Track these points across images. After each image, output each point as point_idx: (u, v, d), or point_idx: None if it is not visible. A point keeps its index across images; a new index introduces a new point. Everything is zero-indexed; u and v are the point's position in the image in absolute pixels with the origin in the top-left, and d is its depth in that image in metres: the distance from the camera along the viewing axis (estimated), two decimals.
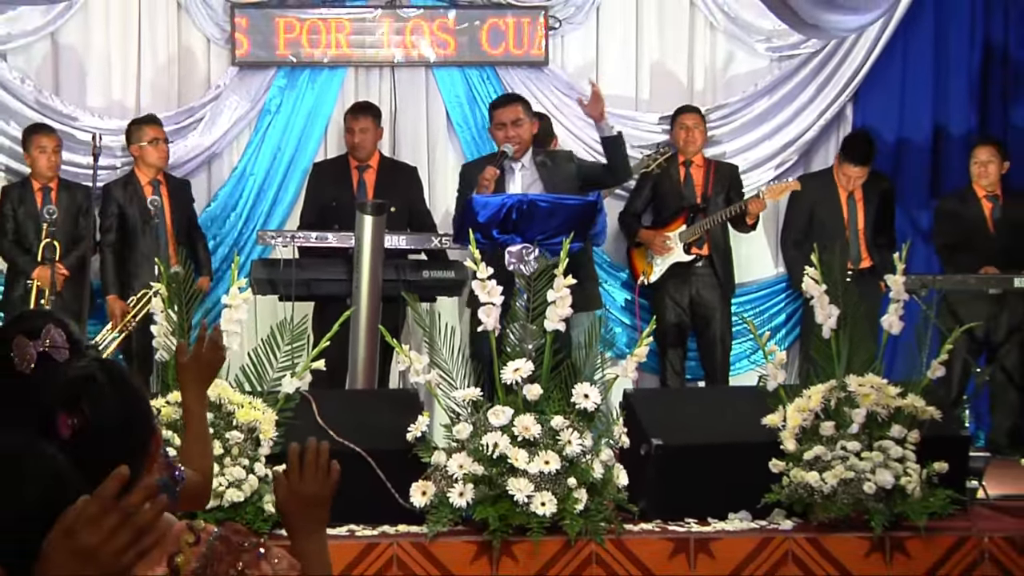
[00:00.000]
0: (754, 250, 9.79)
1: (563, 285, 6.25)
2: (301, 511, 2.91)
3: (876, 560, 6.25)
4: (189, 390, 3.90)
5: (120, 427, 2.81)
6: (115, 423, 2.81)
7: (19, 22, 9.58)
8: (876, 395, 6.44)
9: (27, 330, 3.51)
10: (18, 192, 8.89)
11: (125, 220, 8.78)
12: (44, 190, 8.84)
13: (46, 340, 3.48)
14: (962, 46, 10.13)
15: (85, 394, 2.80)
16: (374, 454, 6.27)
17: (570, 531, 6.07)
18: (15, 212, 8.79)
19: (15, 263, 8.75)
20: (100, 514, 2.00)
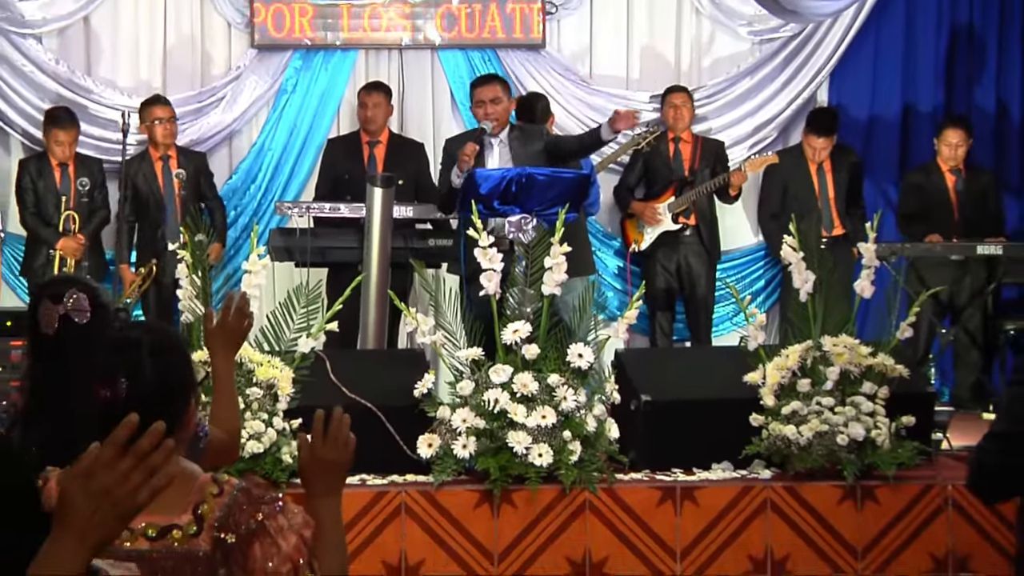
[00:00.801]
0: (735, 221, 9.78)
1: (559, 253, 6.26)
2: (320, 474, 2.90)
3: (848, 507, 6.27)
4: (218, 355, 3.88)
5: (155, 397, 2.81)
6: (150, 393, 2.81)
7: (53, 7, 9.56)
8: (849, 354, 6.45)
9: (52, 294, 3.52)
10: (36, 166, 8.86)
11: (138, 194, 8.78)
12: (61, 166, 8.81)
13: (68, 303, 3.48)
14: (930, 30, 10.11)
15: (124, 366, 2.80)
16: (384, 409, 6.27)
17: (565, 480, 6.08)
18: (35, 186, 8.76)
19: (37, 234, 8.73)
20: (114, 457, 2.00)
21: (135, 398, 2.78)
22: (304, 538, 2.75)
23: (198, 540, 2.71)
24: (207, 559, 2.71)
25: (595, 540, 6.17)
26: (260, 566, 2.70)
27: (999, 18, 10.11)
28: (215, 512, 2.73)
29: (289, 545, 2.72)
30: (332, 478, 2.91)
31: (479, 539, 6.12)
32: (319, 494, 2.89)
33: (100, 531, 2.02)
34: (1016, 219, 9.91)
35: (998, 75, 10.12)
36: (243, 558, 2.71)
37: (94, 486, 2.00)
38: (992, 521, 6.25)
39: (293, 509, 2.78)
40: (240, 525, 2.72)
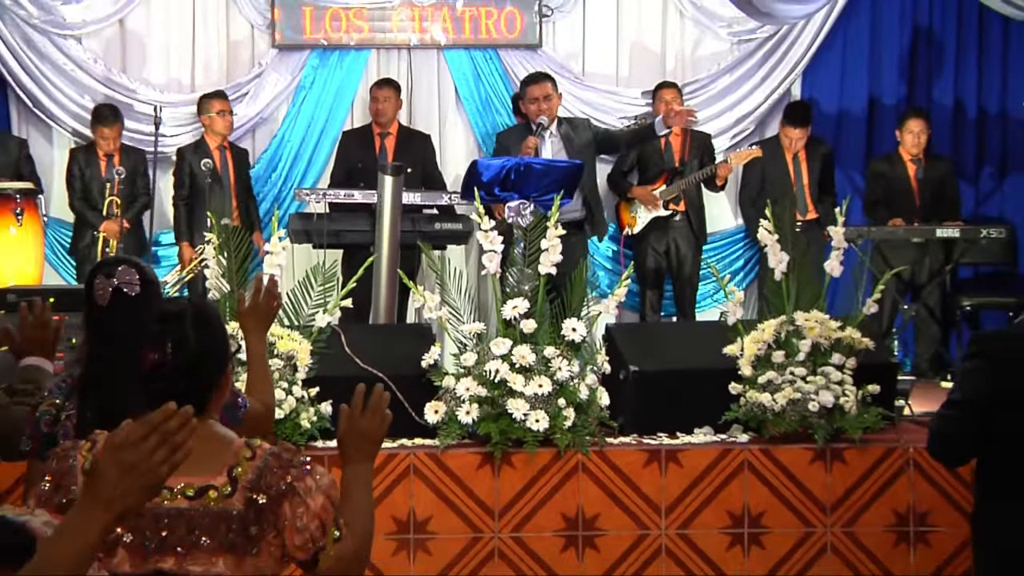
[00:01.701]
0: (717, 206, 9.76)
1: (554, 235, 6.25)
2: (356, 442, 2.91)
3: (818, 467, 6.27)
4: (251, 334, 3.88)
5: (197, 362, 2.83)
6: (193, 359, 2.81)
7: (92, 10, 9.56)
8: (820, 328, 6.45)
9: (105, 271, 3.56)
10: (84, 156, 8.91)
11: (195, 179, 8.80)
12: (107, 156, 8.83)
13: (120, 278, 3.51)
14: (894, 30, 10.09)
15: (171, 332, 2.80)
16: (394, 378, 6.25)
17: (560, 443, 6.08)
18: (83, 173, 8.81)
19: (84, 217, 8.77)
20: (144, 436, 2.04)
21: (179, 362, 2.80)
22: (331, 498, 2.76)
23: (232, 500, 2.72)
24: (240, 517, 2.71)
25: (587, 498, 6.17)
26: (290, 523, 2.71)
27: (957, 21, 10.10)
28: (248, 474, 2.74)
29: (317, 504, 2.73)
30: (367, 447, 2.93)
31: (481, 497, 6.13)
32: (354, 461, 2.90)
33: (125, 500, 2.05)
34: (971, 204, 9.90)
35: (955, 72, 10.11)
36: (274, 517, 2.71)
37: (123, 459, 2.04)
38: (950, 481, 6.25)
39: (320, 471, 2.79)
40: (271, 487, 2.73)
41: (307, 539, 2.72)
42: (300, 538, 2.71)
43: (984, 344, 3.66)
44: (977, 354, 3.60)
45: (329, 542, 2.74)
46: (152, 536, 2.68)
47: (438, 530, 6.10)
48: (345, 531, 2.77)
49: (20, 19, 9.39)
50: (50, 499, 2.76)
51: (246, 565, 2.70)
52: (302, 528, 2.71)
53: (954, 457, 3.83)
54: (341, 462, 2.88)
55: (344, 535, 2.76)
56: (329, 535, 2.74)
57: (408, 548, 6.10)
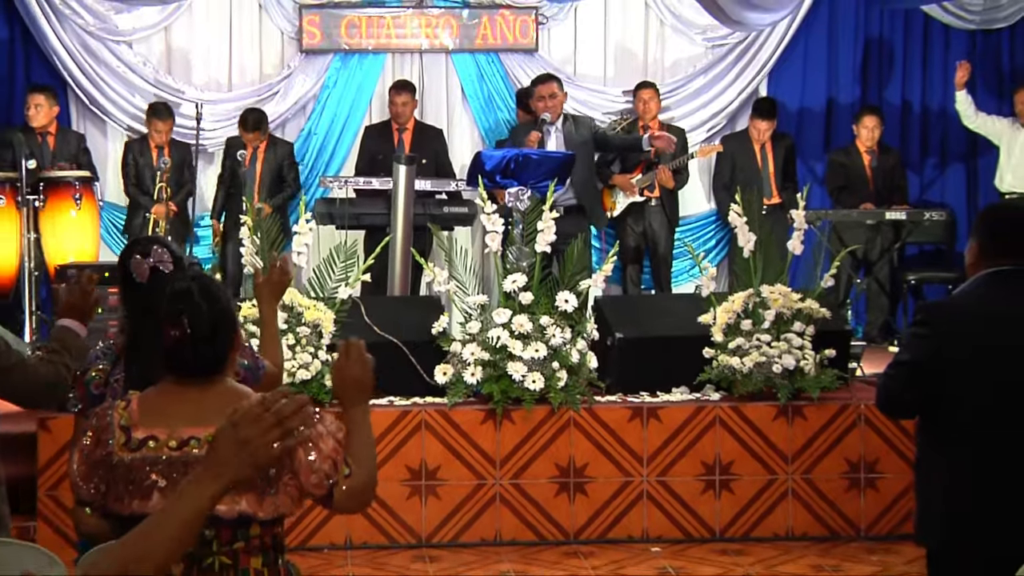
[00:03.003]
0: (693, 191, 9.73)
1: (549, 218, 6.24)
2: (350, 387, 2.88)
3: (781, 422, 6.28)
4: (265, 303, 3.88)
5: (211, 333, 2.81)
6: (209, 328, 2.80)
7: (141, 18, 9.52)
8: (783, 300, 6.44)
9: (141, 251, 3.53)
10: (138, 147, 8.88)
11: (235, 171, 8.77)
12: (158, 147, 8.81)
13: (155, 257, 3.50)
14: (849, 37, 10.05)
15: (185, 309, 2.79)
16: (407, 344, 6.27)
17: (554, 401, 6.09)
18: (136, 163, 8.79)
19: (137, 201, 8.75)
20: (260, 414, 2.03)
21: (198, 335, 2.79)
22: (339, 440, 2.76)
23: None
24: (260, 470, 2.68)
25: (578, 449, 6.17)
26: (305, 466, 2.70)
27: (904, 29, 10.07)
28: None
29: (328, 447, 2.73)
30: (360, 391, 2.89)
31: (484, 449, 6.13)
32: (350, 405, 2.88)
33: (235, 472, 2.04)
34: (917, 190, 9.88)
35: (903, 74, 10.07)
36: (289, 460, 2.70)
37: (240, 435, 2.02)
38: (896, 433, 6.26)
39: (328, 418, 2.79)
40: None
41: (322, 477, 2.71)
42: (316, 477, 2.71)
43: (928, 312, 3.65)
44: (922, 321, 3.58)
45: (341, 477, 2.74)
46: (183, 480, 2.67)
47: (446, 477, 6.11)
48: (354, 467, 2.77)
49: (78, 27, 9.37)
50: (92, 452, 2.77)
51: (266, 503, 2.70)
52: (316, 469, 2.71)
53: (899, 412, 3.82)
54: (341, 408, 2.86)
55: (354, 470, 2.76)
56: (340, 471, 2.74)
57: (420, 493, 6.11)
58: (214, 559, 2.70)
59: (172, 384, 2.82)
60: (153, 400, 2.80)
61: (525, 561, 5.90)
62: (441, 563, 5.87)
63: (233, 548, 2.71)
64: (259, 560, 2.74)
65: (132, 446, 2.71)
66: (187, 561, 2.69)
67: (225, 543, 2.70)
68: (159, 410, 2.76)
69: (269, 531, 2.75)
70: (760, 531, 6.23)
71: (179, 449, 2.70)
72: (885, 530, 6.26)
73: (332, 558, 5.91)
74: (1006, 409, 3.42)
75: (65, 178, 8.05)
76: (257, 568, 2.73)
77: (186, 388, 2.80)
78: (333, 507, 2.79)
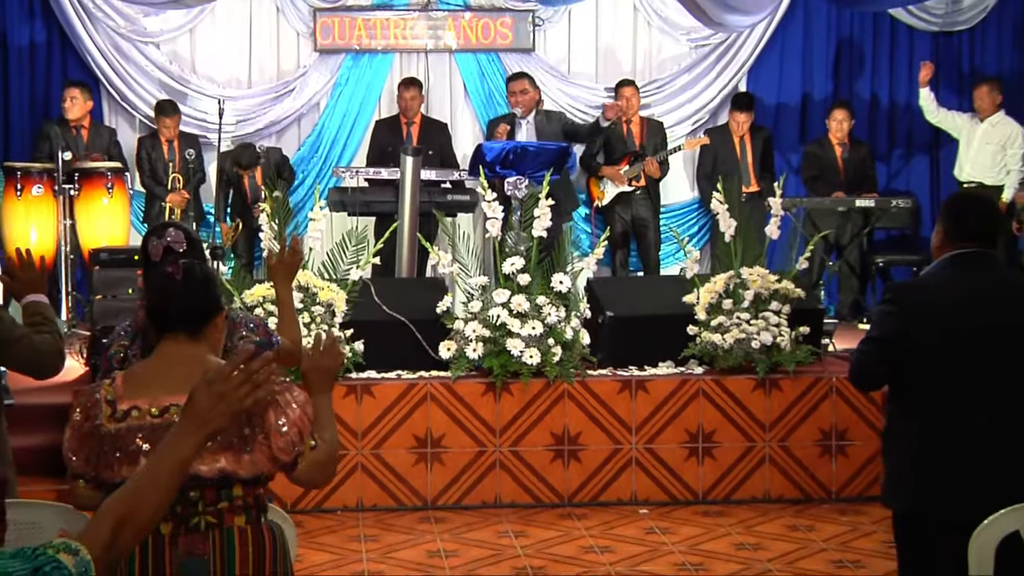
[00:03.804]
0: (677, 180, 9.70)
1: (545, 205, 6.22)
2: (318, 377, 2.93)
3: (759, 394, 6.27)
4: (279, 283, 3.87)
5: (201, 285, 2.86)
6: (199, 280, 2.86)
7: (168, 20, 9.46)
8: (761, 281, 6.43)
9: (157, 234, 3.53)
10: (150, 142, 8.83)
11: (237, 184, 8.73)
12: (168, 142, 8.76)
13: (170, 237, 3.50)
14: (822, 37, 10.01)
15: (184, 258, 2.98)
16: (414, 322, 6.25)
17: (549, 375, 6.09)
18: (149, 156, 8.74)
19: (152, 191, 8.71)
20: (230, 371, 2.11)
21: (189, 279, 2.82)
22: (306, 412, 2.77)
23: None
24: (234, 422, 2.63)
25: (572, 419, 6.17)
26: (274, 427, 2.71)
27: (873, 31, 10.02)
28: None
29: (295, 415, 2.73)
30: (326, 380, 2.94)
31: (485, 418, 6.12)
32: (318, 392, 2.91)
33: (214, 423, 2.12)
34: (884, 179, 9.85)
35: (872, 72, 10.04)
36: (261, 421, 2.70)
37: (214, 390, 2.10)
38: (865, 404, 6.26)
39: (296, 390, 2.80)
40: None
41: (288, 442, 2.71)
42: (283, 440, 2.70)
43: (895, 292, 3.64)
44: (890, 300, 3.57)
45: (306, 448, 2.75)
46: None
47: (450, 445, 6.10)
48: (320, 442, 2.79)
49: (110, 29, 9.32)
50: (81, 426, 2.77)
51: (244, 461, 2.69)
52: (284, 433, 2.70)
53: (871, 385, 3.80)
54: (308, 393, 2.86)
55: (318, 444, 2.78)
56: (306, 443, 2.74)
57: (426, 460, 6.10)
58: (200, 519, 2.71)
59: (153, 359, 2.82)
60: (136, 374, 2.81)
61: (523, 522, 5.90)
62: (445, 524, 5.87)
63: (218, 508, 2.71)
64: (242, 519, 2.74)
65: (118, 417, 2.71)
66: (175, 521, 2.69)
67: (210, 503, 2.70)
68: (141, 383, 2.76)
69: (251, 492, 2.75)
70: (740, 494, 6.23)
71: (160, 416, 2.70)
72: (854, 493, 6.26)
73: (345, 519, 5.91)
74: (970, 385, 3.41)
75: (98, 169, 8.04)
76: (240, 526, 2.73)
77: (166, 360, 2.79)
78: (295, 476, 2.80)
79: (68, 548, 1.95)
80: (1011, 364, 3.41)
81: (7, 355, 3.77)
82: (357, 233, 6.52)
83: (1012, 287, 3.59)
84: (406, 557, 5.40)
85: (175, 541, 2.69)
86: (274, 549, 2.78)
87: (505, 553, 5.45)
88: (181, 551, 2.68)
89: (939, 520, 3.42)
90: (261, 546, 2.74)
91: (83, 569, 1.94)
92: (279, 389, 2.73)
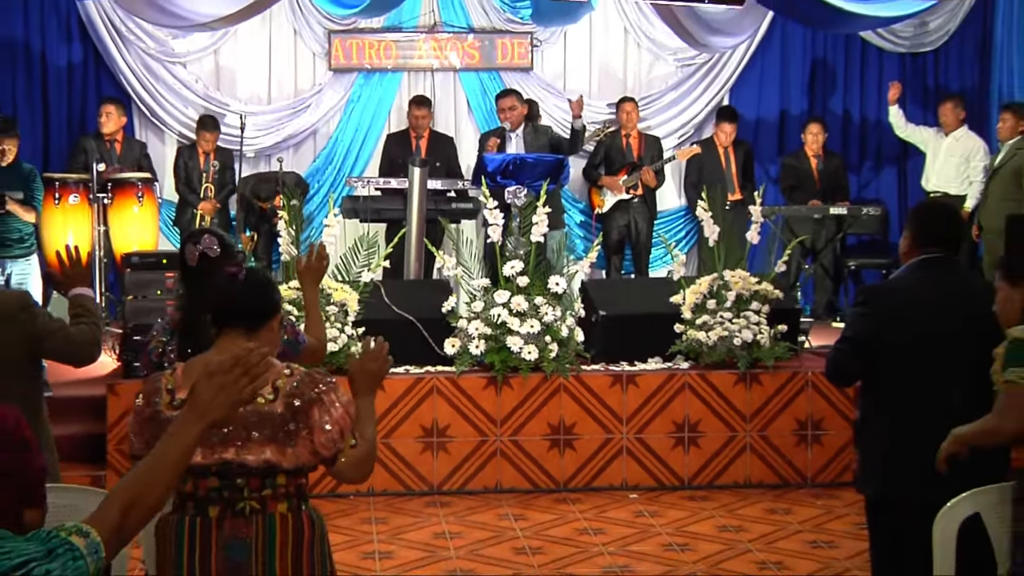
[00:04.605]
0: (666, 188, 9.67)
1: (542, 212, 6.20)
2: (364, 379, 2.92)
3: (740, 387, 6.25)
4: (307, 286, 3.86)
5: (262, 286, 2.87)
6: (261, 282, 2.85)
7: (194, 43, 9.44)
8: (742, 282, 6.41)
9: (193, 240, 3.53)
10: (187, 153, 8.82)
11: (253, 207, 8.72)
12: (205, 154, 8.75)
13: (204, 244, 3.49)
14: (798, 57, 10.00)
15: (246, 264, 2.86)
16: (421, 321, 6.24)
17: (546, 370, 6.07)
18: (186, 166, 8.73)
19: (186, 198, 8.69)
20: (231, 366, 2.10)
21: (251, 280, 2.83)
22: (348, 411, 2.76)
23: (275, 405, 2.72)
24: (281, 417, 2.72)
25: (567, 411, 6.15)
26: (318, 424, 2.71)
27: (845, 52, 10.00)
28: (287, 387, 2.74)
29: (338, 413, 2.73)
30: (372, 383, 2.93)
31: (487, 410, 6.11)
32: (363, 394, 2.90)
33: (215, 412, 2.11)
34: (856, 189, 9.84)
35: (844, 90, 10.03)
36: (305, 417, 2.70)
37: (215, 382, 2.10)
38: (839, 397, 6.24)
39: (341, 390, 2.79)
40: (304, 394, 2.73)
41: (330, 439, 2.71)
42: (325, 437, 2.70)
43: (868, 295, 3.64)
44: (863, 302, 3.57)
45: (346, 446, 2.74)
46: (217, 433, 2.68)
47: (455, 435, 6.09)
48: (359, 440, 2.78)
49: (141, 50, 9.31)
50: (143, 411, 2.78)
51: (287, 454, 2.70)
52: (327, 429, 2.70)
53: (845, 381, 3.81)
54: (353, 395, 2.85)
55: (358, 443, 2.78)
56: (347, 440, 2.74)
57: (432, 448, 6.08)
58: (245, 503, 2.71)
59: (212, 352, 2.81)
60: (194, 366, 2.80)
61: (522, 506, 5.88)
62: (450, 508, 5.85)
63: (262, 495, 2.71)
64: (284, 506, 2.74)
65: (175, 404, 2.72)
66: (222, 505, 2.71)
67: (255, 490, 2.71)
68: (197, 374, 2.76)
69: (293, 481, 2.75)
70: (722, 480, 6.21)
71: None
72: (829, 479, 6.25)
73: (357, 503, 5.89)
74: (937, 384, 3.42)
75: (129, 179, 8.04)
76: (282, 512, 2.73)
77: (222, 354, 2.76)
78: (334, 471, 2.79)
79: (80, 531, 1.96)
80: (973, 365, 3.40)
81: (45, 347, 3.81)
82: (368, 238, 6.51)
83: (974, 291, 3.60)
84: (414, 538, 5.39)
85: (221, 524, 2.70)
86: (312, 535, 2.78)
87: (505, 535, 5.43)
88: (227, 533, 2.70)
89: (908, 504, 3.42)
90: (300, 532, 2.74)
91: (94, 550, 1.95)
92: (326, 389, 2.73)
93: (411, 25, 9.69)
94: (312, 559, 2.77)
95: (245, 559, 2.69)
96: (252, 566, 2.69)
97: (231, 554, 2.69)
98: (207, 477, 2.70)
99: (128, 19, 9.09)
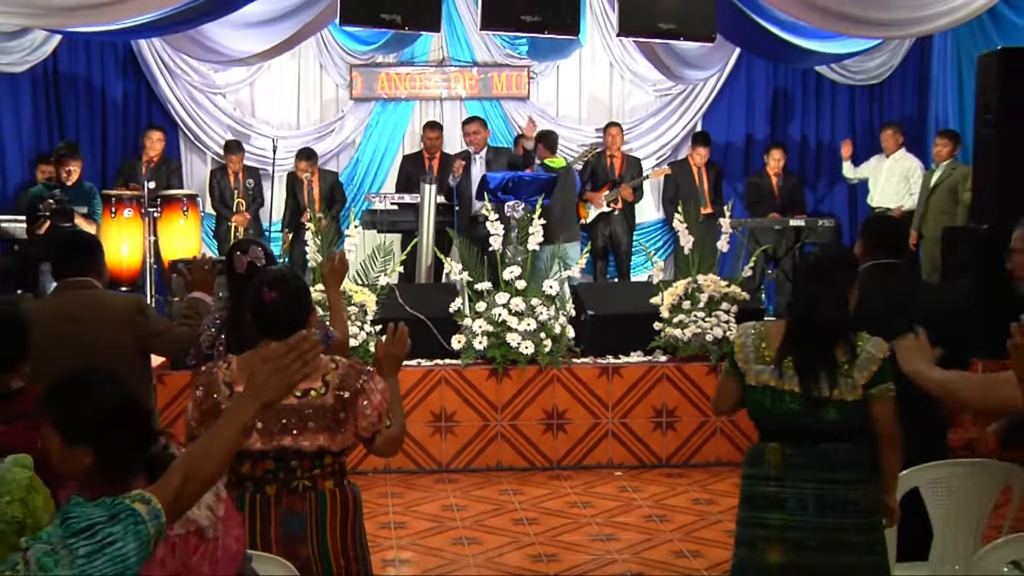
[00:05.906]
0: (647, 204, 9.65)
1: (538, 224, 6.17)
2: (389, 361, 2.93)
3: (712, 378, 6.21)
4: (331, 288, 3.85)
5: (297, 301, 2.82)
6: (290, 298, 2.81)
7: (232, 76, 9.44)
8: (713, 286, 6.38)
9: (241, 249, 3.52)
10: (220, 174, 8.81)
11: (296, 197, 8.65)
12: (235, 173, 8.72)
13: (252, 254, 3.50)
14: (761, 89, 9.99)
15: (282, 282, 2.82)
16: (430, 319, 6.20)
17: (541, 362, 6.03)
18: (219, 185, 8.70)
19: (221, 213, 8.67)
20: (284, 352, 2.07)
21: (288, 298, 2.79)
22: (385, 397, 2.79)
23: (326, 397, 2.74)
24: (332, 408, 2.74)
25: (560, 399, 6.11)
26: (361, 411, 2.74)
27: (802, 83, 10.00)
28: (335, 380, 2.76)
29: (376, 400, 2.76)
30: (395, 364, 2.94)
31: (489, 398, 6.07)
32: (388, 374, 2.90)
33: (270, 394, 2.07)
34: (812, 204, 9.82)
35: (802, 117, 10.02)
36: (352, 407, 2.73)
37: (269, 366, 2.07)
38: None
39: (378, 378, 2.82)
40: (350, 387, 2.76)
41: (370, 423, 2.75)
42: (366, 422, 2.74)
43: None
44: None
45: (383, 427, 2.79)
46: (275, 423, 2.70)
47: (460, 420, 6.05)
48: (392, 421, 2.83)
49: (187, 82, 9.31)
50: (203, 402, 2.77)
51: (337, 439, 2.74)
52: (368, 415, 2.74)
53: None
54: (380, 375, 2.85)
55: (392, 423, 2.83)
56: (383, 422, 2.78)
57: (441, 432, 6.04)
58: (298, 482, 2.76)
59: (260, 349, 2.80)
60: (247, 361, 2.79)
61: (520, 482, 5.84)
62: (457, 483, 5.81)
63: (312, 474, 2.76)
64: (331, 482, 2.79)
65: (234, 397, 2.72)
66: (279, 484, 2.74)
67: (307, 470, 2.75)
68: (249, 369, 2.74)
69: (338, 460, 2.80)
70: (696, 459, 6.17)
71: None
72: None
73: (374, 480, 5.85)
74: None
75: (176, 195, 8.03)
76: (330, 488, 2.78)
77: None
78: (372, 448, 2.83)
79: (142, 498, 1.94)
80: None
81: (153, 344, 3.93)
82: (385, 247, 6.47)
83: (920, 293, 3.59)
84: (425, 510, 5.36)
85: (279, 500, 2.74)
86: (355, 507, 2.84)
87: (505, 507, 5.40)
88: (284, 508, 2.74)
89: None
90: (346, 504, 2.80)
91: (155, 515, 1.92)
92: (366, 378, 2.77)
93: (422, 60, 9.67)
94: (356, 527, 2.83)
95: (301, 530, 2.74)
96: (307, 536, 2.74)
97: (288, 527, 2.73)
98: (264, 460, 2.73)
99: (176, 55, 9.09)
